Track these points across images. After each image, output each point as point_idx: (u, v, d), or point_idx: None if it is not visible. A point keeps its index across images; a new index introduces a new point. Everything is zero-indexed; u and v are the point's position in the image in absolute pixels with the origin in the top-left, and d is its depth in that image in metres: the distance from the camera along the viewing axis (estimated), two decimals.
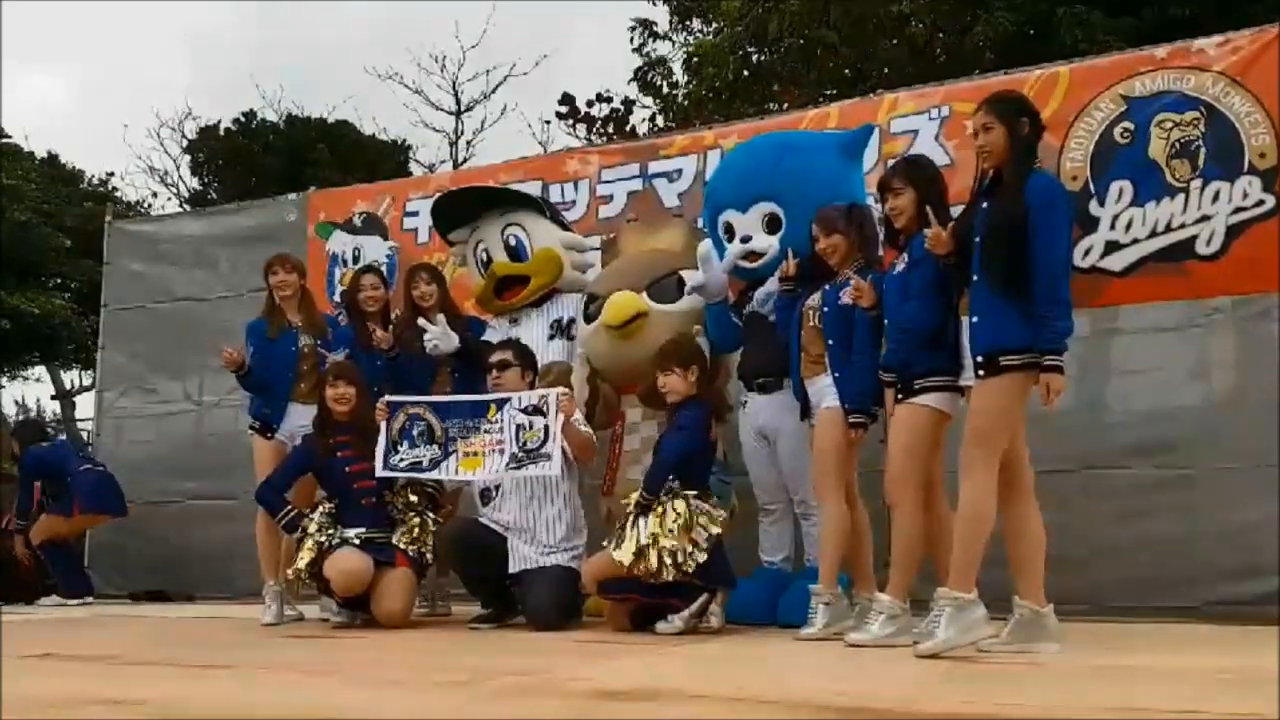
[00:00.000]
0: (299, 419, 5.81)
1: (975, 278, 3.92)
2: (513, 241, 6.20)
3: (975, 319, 3.92)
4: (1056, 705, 2.79)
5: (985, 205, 3.98)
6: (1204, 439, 5.34)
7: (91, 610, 7.10)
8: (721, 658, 4.04)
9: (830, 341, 4.64)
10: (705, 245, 5.40)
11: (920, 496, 4.21)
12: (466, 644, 4.73)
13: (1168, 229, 5.47)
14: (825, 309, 4.69)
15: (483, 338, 6.10)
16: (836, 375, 4.62)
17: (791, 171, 5.32)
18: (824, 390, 4.67)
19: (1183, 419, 5.42)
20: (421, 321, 5.91)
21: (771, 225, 5.29)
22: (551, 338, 6.09)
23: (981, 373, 3.88)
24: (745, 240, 5.31)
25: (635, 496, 4.80)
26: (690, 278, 5.44)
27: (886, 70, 13.32)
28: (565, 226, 6.44)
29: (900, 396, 4.25)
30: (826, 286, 4.74)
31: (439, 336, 5.87)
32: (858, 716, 2.65)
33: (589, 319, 5.73)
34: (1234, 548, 5.15)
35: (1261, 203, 5.31)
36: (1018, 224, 3.84)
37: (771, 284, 5.12)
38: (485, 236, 6.28)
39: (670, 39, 17.05)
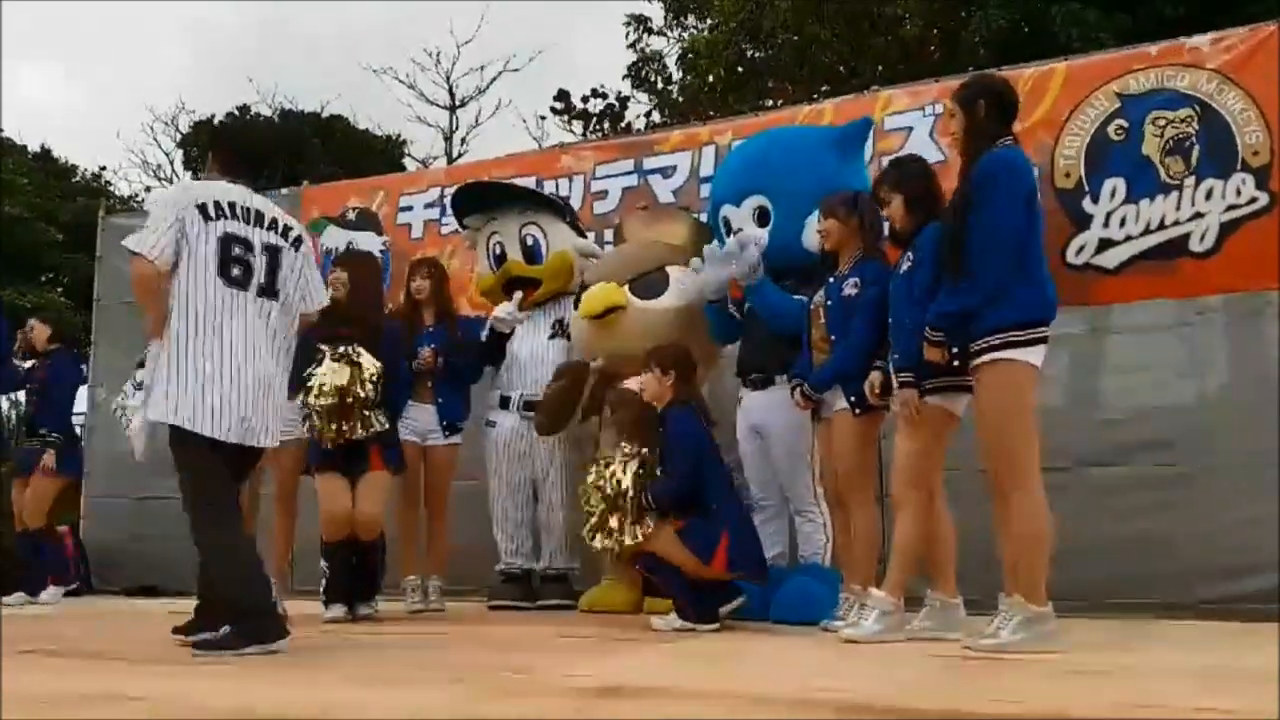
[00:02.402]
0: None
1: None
2: (530, 241, 6.21)
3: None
4: (1054, 703, 2.79)
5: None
6: (1198, 436, 5.36)
7: (87, 606, 7.09)
8: (716, 654, 4.04)
9: (834, 337, 4.62)
10: (711, 246, 5.42)
11: (927, 497, 4.19)
12: (460, 641, 4.73)
13: (1161, 226, 5.49)
14: (829, 302, 4.67)
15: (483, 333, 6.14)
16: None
17: (780, 166, 5.42)
18: (835, 391, 4.63)
19: (1176, 416, 5.44)
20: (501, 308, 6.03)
21: (762, 218, 5.38)
22: (552, 337, 6.15)
23: (957, 363, 3.85)
24: (738, 233, 5.37)
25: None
26: (678, 272, 5.51)
27: (880, 67, 13.34)
28: (580, 230, 6.45)
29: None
30: (830, 279, 4.72)
31: (510, 313, 5.98)
32: (854, 714, 2.66)
33: (577, 305, 5.77)
34: (1230, 545, 5.17)
35: (1255, 200, 5.34)
36: (966, 210, 3.79)
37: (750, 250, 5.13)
38: (502, 230, 6.29)
39: (665, 35, 17.07)
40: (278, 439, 4.21)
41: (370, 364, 5.11)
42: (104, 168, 21.35)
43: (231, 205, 3.99)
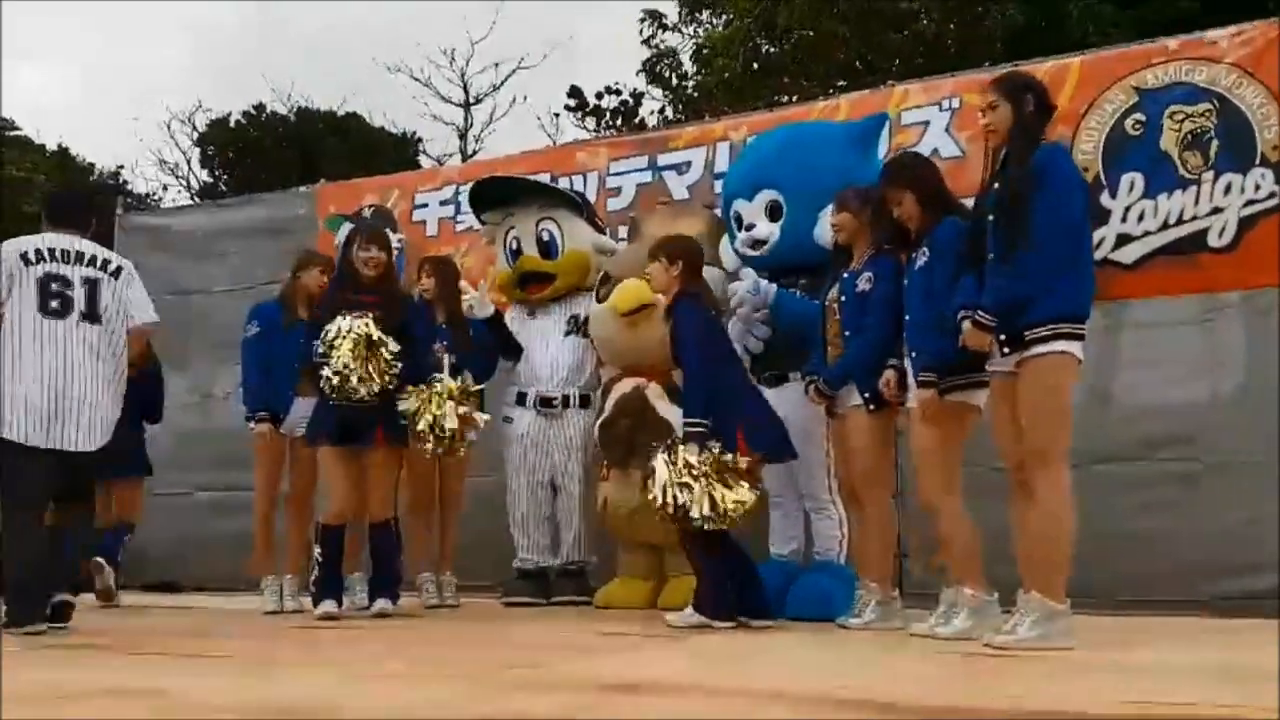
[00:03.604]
0: (300, 411, 5.82)
1: (990, 256, 3.86)
2: (545, 237, 6.21)
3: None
4: (1061, 699, 2.78)
5: (996, 186, 3.95)
6: (1213, 433, 5.31)
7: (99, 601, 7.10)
8: (728, 651, 4.04)
9: (848, 333, 4.60)
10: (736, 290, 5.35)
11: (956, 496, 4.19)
12: (472, 637, 4.73)
13: (1179, 221, 5.45)
14: (843, 298, 4.65)
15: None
16: None
17: (794, 160, 5.41)
18: (850, 387, 4.61)
19: (1192, 413, 5.39)
20: (464, 284, 5.99)
21: (773, 213, 5.36)
22: (568, 333, 6.15)
23: (1006, 350, 3.82)
24: (750, 228, 5.39)
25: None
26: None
27: (896, 62, 13.31)
28: (598, 225, 6.44)
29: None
30: (845, 274, 4.70)
31: (475, 300, 5.91)
32: (860, 713, 2.65)
33: (600, 299, 5.75)
34: (1239, 542, 5.12)
35: (1273, 195, 5.29)
36: (1026, 199, 3.77)
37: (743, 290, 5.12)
38: (519, 225, 6.28)
39: (680, 30, 17.05)
40: (99, 443, 4.72)
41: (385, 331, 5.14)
42: (122, 166, 21.48)
43: (51, 251, 4.75)
